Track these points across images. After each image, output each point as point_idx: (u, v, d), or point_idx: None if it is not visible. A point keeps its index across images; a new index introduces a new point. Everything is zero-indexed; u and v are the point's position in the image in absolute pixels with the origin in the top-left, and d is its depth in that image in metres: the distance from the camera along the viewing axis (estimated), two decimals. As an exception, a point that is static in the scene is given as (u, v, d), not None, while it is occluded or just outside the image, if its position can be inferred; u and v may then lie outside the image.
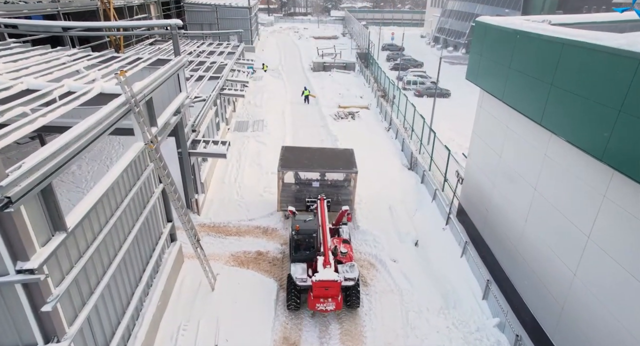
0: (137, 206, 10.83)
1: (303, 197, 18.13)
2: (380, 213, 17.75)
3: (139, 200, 11.01)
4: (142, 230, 11.15)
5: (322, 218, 15.17)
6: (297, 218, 15.02)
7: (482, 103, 16.49)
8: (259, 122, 28.95)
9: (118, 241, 9.74)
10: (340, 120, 31.71)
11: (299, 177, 18.77)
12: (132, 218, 10.58)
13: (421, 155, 24.71)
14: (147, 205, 11.53)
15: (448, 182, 20.22)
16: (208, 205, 18.05)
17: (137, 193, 10.70)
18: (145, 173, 11.16)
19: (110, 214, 9.30)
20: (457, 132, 31.47)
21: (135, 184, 10.60)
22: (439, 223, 17.84)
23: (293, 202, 17.99)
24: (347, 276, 12.90)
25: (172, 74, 14.15)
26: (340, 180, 18.91)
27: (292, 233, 13.91)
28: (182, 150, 15.90)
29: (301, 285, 12.73)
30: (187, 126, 16.61)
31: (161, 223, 12.86)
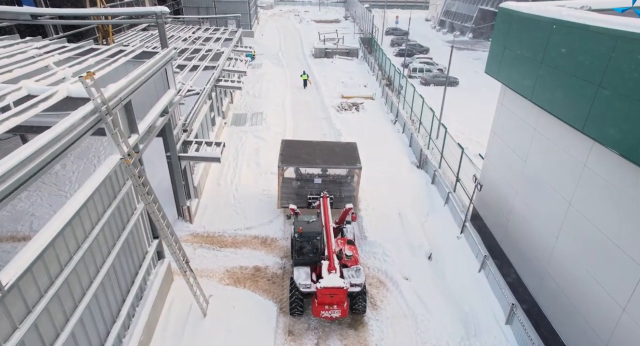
0: (113, 229, 9.35)
1: (304, 193, 16.97)
2: (390, 221, 16.28)
3: (117, 222, 9.52)
4: (121, 255, 9.70)
5: (326, 219, 13.98)
6: (300, 218, 13.85)
7: (504, 101, 14.83)
8: (258, 114, 27.27)
9: (88, 276, 8.28)
10: (344, 111, 29.99)
11: (300, 173, 17.39)
12: (108, 244, 9.11)
13: (430, 151, 23.11)
14: (127, 225, 10.06)
15: (461, 183, 18.70)
16: (202, 212, 16.58)
17: (113, 215, 9.21)
18: (123, 190, 9.65)
19: (75, 247, 7.83)
20: (466, 124, 29.78)
21: (111, 205, 9.10)
22: (453, 231, 16.38)
23: (294, 199, 16.91)
24: (354, 281, 12.02)
25: (157, 69, 12.50)
26: (343, 175, 17.50)
27: (295, 236, 12.81)
28: (171, 154, 14.34)
29: (305, 291, 11.90)
30: (177, 126, 15.01)
31: (145, 241, 11.41)
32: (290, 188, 17.38)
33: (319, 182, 17.82)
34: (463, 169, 18.58)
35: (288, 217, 15.62)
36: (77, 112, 7.72)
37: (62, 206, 7.43)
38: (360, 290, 12.06)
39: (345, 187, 17.64)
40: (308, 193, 17.09)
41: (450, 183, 19.19)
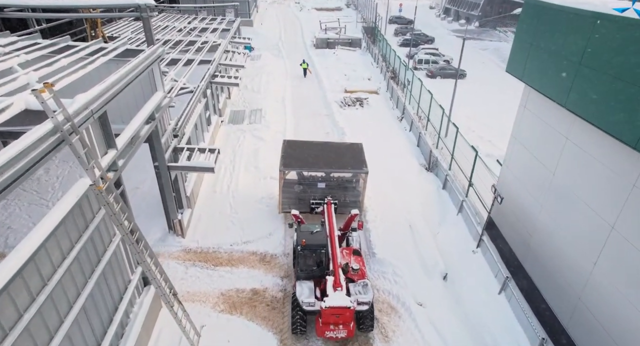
0: (85, 262, 8.01)
1: (307, 197, 15.84)
2: (400, 234, 14.94)
3: (90, 253, 8.17)
4: (97, 288, 8.38)
5: (331, 229, 12.82)
6: (303, 228, 12.74)
7: (528, 104, 13.35)
8: (257, 111, 25.76)
9: (58, 316, 6.98)
10: (347, 107, 28.46)
11: (303, 176, 16.22)
12: (82, 276, 7.80)
13: (439, 150, 21.67)
14: (104, 256, 8.72)
15: (474, 188, 17.30)
16: (195, 223, 15.24)
17: (84, 248, 7.86)
18: (97, 218, 8.28)
19: (41, 285, 6.52)
20: (476, 121, 28.23)
21: (81, 237, 7.74)
22: (468, 244, 15.06)
23: (296, 203, 15.81)
24: (361, 299, 11.05)
25: (142, 70, 11.05)
26: (348, 179, 16.27)
27: (298, 248, 11.77)
28: (159, 164, 12.94)
29: (308, 309, 10.95)
30: (166, 132, 13.58)
31: (128, 269, 10.08)
32: (292, 193, 16.19)
33: (323, 186, 16.52)
34: (476, 172, 17.18)
35: (290, 225, 14.39)
36: (31, 133, 6.30)
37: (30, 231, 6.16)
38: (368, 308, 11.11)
39: (350, 192, 16.41)
40: (311, 197, 15.98)
41: (463, 188, 17.80)
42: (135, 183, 17.36)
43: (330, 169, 15.70)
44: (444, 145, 21.80)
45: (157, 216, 14.86)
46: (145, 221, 15.04)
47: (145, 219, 15.17)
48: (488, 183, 16.25)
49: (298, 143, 17.44)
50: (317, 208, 15.82)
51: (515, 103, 31.38)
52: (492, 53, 49.12)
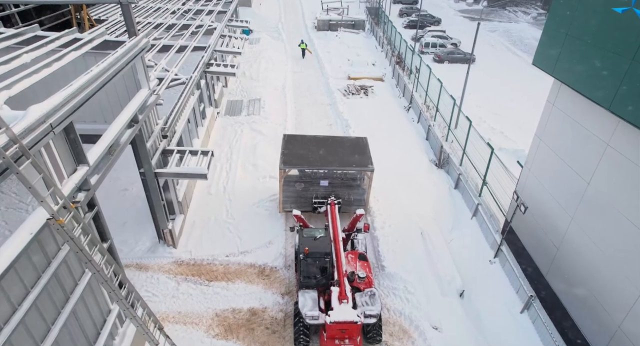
0: (49, 304, 6.78)
1: (309, 195, 14.87)
2: (411, 243, 13.71)
3: (55, 293, 6.94)
4: (66, 327, 7.18)
5: (335, 232, 11.89)
6: (306, 233, 11.78)
7: (558, 101, 11.90)
8: (255, 101, 24.22)
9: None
10: (351, 96, 26.89)
11: (305, 172, 15.12)
12: (49, 314, 6.60)
13: (449, 143, 20.27)
14: (75, 290, 7.49)
15: (488, 187, 16.00)
16: (188, 231, 14.01)
17: (46, 288, 6.61)
18: (62, 253, 7.00)
19: None
20: (487, 110, 26.68)
21: (42, 277, 6.48)
22: (485, 253, 13.86)
23: (298, 202, 14.91)
24: (368, 312, 10.24)
25: (121, 67, 9.62)
26: (352, 176, 15.15)
27: (301, 256, 10.92)
28: (145, 170, 11.60)
29: (311, 323, 10.17)
30: (154, 133, 12.19)
31: (106, 300, 8.87)
32: (293, 191, 15.11)
33: (326, 184, 15.30)
34: (490, 170, 15.84)
35: (292, 229, 13.29)
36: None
37: None
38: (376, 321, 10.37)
39: (354, 190, 15.30)
40: (313, 196, 14.95)
41: (476, 187, 16.49)
42: (124, 184, 16.07)
43: (334, 167, 14.61)
44: (454, 138, 20.38)
45: (146, 222, 13.63)
46: (134, 228, 13.86)
47: (134, 226, 13.98)
48: (504, 182, 14.93)
49: (299, 138, 16.33)
50: (319, 208, 14.83)
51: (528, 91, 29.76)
52: (502, 35, 47.04)
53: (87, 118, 12.09)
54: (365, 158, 14.92)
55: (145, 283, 11.95)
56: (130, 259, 12.78)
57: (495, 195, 15.64)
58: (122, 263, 12.79)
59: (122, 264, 12.77)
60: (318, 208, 14.90)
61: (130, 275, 12.20)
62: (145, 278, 12.09)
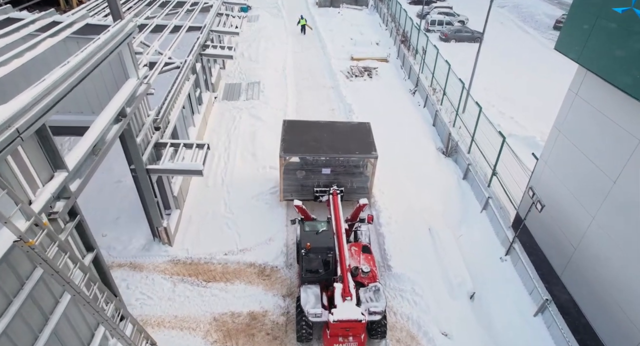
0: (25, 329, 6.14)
1: (310, 184, 14.32)
2: (418, 240, 13.05)
3: (31, 316, 6.29)
4: None
5: (338, 226, 11.30)
6: (307, 227, 11.40)
7: (582, 91, 10.98)
8: (254, 84, 23.17)
9: None
10: (355, 78, 25.77)
11: (306, 160, 14.45)
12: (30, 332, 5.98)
13: (456, 129, 19.39)
14: (55, 309, 6.83)
15: (498, 177, 15.24)
16: (185, 227, 13.35)
17: (20, 311, 5.96)
18: (38, 271, 6.30)
19: None
20: (495, 93, 25.55)
21: (12, 303, 5.81)
22: (495, 250, 13.23)
23: (299, 191, 14.40)
24: (373, 309, 9.89)
25: (104, 56, 8.72)
26: (355, 163, 14.46)
27: (302, 252, 10.52)
28: (136, 167, 10.83)
29: (314, 321, 9.86)
30: (145, 125, 11.33)
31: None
32: (294, 180, 14.51)
33: (328, 172, 14.61)
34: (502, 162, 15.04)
35: (293, 222, 12.74)
36: None
37: None
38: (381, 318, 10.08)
39: (357, 178, 14.67)
40: (315, 184, 14.39)
41: (485, 178, 15.72)
42: (118, 176, 15.33)
43: (336, 154, 13.96)
44: (462, 124, 19.45)
45: (141, 218, 12.91)
46: (127, 224, 13.20)
47: (128, 221, 13.32)
48: (515, 172, 14.14)
49: (299, 123, 15.66)
50: (321, 197, 14.24)
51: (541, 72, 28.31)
52: (511, 10, 45.23)
53: (73, 109, 11.26)
54: (368, 145, 14.32)
55: (139, 284, 11.37)
56: (123, 258, 12.17)
57: (505, 186, 14.90)
58: (116, 262, 12.24)
59: (116, 263, 12.23)
60: (320, 197, 14.32)
61: (124, 275, 11.61)
62: (140, 279, 11.50)
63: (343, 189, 14.07)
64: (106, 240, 12.60)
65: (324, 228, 11.66)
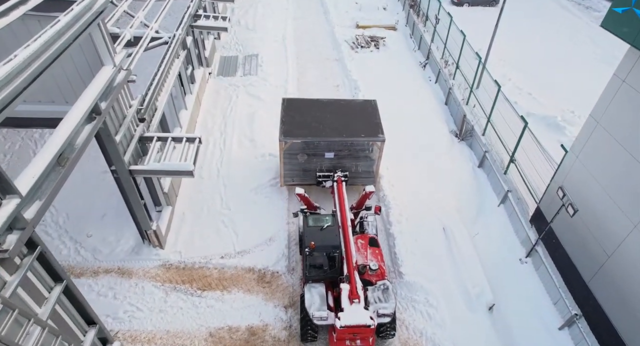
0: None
1: (313, 168, 13.38)
2: (431, 242, 11.97)
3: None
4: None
5: (343, 218, 10.56)
6: (311, 222, 10.71)
7: (631, 78, 9.47)
8: (252, 57, 21.38)
9: None
10: (360, 49, 23.85)
11: (308, 143, 13.26)
12: None
13: (470, 107, 17.90)
14: None
15: (516, 164, 13.96)
16: (177, 226, 12.25)
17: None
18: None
19: None
20: (512, 66, 23.58)
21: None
22: (515, 249, 12.22)
23: (300, 175, 13.55)
24: (382, 311, 9.33)
25: (68, 43, 7.30)
26: (360, 145, 13.33)
27: (306, 251, 9.89)
28: (117, 168, 9.56)
29: (320, 324, 9.22)
30: (127, 118, 9.95)
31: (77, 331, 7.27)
32: (295, 164, 13.49)
33: (331, 156, 13.50)
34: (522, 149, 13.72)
35: (295, 215, 11.82)
36: None
37: None
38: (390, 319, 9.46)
39: (362, 162, 13.63)
40: (317, 168, 13.45)
41: (502, 164, 14.45)
42: (104, 165, 13.91)
43: (340, 137, 12.90)
44: (476, 102, 17.90)
45: (130, 215, 11.84)
46: (115, 222, 12.11)
47: (115, 219, 12.22)
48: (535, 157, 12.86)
49: (300, 102, 14.44)
50: (324, 182, 13.35)
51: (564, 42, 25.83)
52: (527, -29, 41.91)
53: (43, 98, 9.89)
54: (375, 127, 13.24)
55: (128, 293, 10.42)
56: (111, 262, 11.17)
57: (524, 175, 13.60)
58: (103, 267, 11.24)
59: (103, 269, 11.22)
60: (323, 182, 13.39)
61: (111, 282, 10.65)
62: (129, 287, 10.55)
63: (347, 174, 13.20)
64: (92, 242, 11.55)
65: (329, 224, 10.87)
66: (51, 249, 11.29)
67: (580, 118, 18.47)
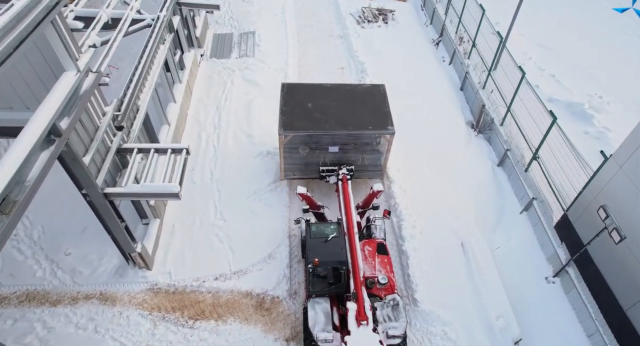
0: None
1: (315, 161, 12.28)
2: (449, 261, 10.75)
3: None
4: None
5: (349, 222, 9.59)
6: (314, 232, 9.76)
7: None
8: (249, 35, 19.41)
9: None
10: (367, 24, 21.76)
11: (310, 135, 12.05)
12: None
13: (487, 92, 16.28)
14: None
15: (539, 162, 12.57)
16: (166, 241, 11.01)
17: None
18: None
19: None
20: (533, 41, 21.37)
21: None
22: (539, 266, 11.09)
23: (302, 169, 12.53)
24: (392, 331, 8.66)
25: (13, 45, 5.79)
26: (367, 138, 12.10)
27: (309, 267, 9.02)
28: (88, 192, 8.16)
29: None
30: (99, 133, 8.45)
31: None
32: (296, 158, 12.35)
33: (335, 150, 12.29)
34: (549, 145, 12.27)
35: (297, 221, 10.73)
36: None
37: None
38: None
39: (369, 155, 12.50)
40: (320, 161, 12.34)
41: (522, 159, 13.07)
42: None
43: (346, 130, 11.69)
44: (495, 87, 16.20)
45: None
46: (97, 237, 10.81)
47: (97, 233, 10.81)
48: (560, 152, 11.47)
49: (301, 88, 13.09)
50: (328, 177, 12.17)
51: (598, 15, 23.63)
52: None
53: (0, 104, 8.43)
54: (383, 117, 12.03)
55: (111, 324, 9.34)
56: (92, 285, 10.01)
57: (549, 174, 12.15)
58: (82, 291, 10.08)
59: (83, 294, 10.07)
60: (326, 177, 12.22)
61: (92, 312, 9.55)
62: (112, 317, 9.46)
63: (353, 168, 12.09)
64: (70, 261, 10.36)
65: (334, 235, 9.79)
66: (24, 270, 10.23)
67: (609, 105, 16.80)
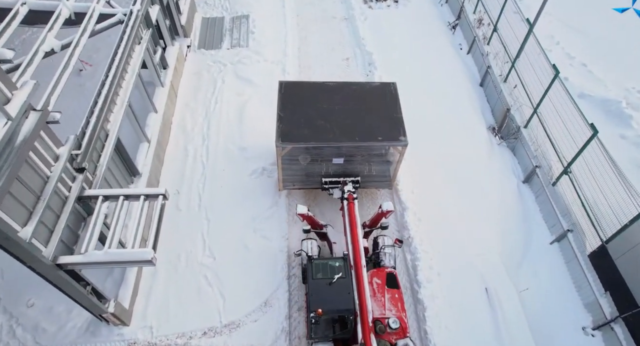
0: None
1: (317, 171, 10.94)
2: (471, 311, 9.37)
3: None
4: None
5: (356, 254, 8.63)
6: (316, 271, 8.70)
7: None
8: (242, 20, 17.15)
9: None
10: (375, 4, 19.39)
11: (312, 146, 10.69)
12: None
13: (509, 86, 14.42)
14: None
15: (571, 177, 11.01)
16: (147, 286, 9.60)
17: None
18: None
19: None
20: (561, 23, 18.90)
21: None
22: (576, 313, 9.74)
23: (303, 180, 11.22)
24: None
25: None
26: (376, 150, 10.69)
27: (311, 317, 7.93)
28: (34, 267, 6.61)
29: None
30: (48, 186, 6.79)
31: None
32: (297, 169, 10.97)
33: (340, 161, 10.91)
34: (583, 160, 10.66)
35: (297, 254, 9.43)
36: None
37: None
38: None
39: (377, 166, 11.11)
40: (322, 172, 11.00)
41: (550, 171, 11.52)
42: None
43: (352, 142, 10.26)
44: (519, 81, 14.26)
45: (85, 271, 9.17)
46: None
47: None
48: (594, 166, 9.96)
49: (302, 87, 11.55)
50: (331, 191, 10.94)
51: None
52: None
53: None
54: (395, 124, 10.60)
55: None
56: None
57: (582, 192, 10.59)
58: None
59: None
60: (329, 189, 11.00)
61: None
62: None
63: (359, 179, 10.94)
64: (33, 314, 8.95)
65: (340, 275, 8.55)
66: (-21, 327, 8.94)
67: (653, 102, 14.91)
